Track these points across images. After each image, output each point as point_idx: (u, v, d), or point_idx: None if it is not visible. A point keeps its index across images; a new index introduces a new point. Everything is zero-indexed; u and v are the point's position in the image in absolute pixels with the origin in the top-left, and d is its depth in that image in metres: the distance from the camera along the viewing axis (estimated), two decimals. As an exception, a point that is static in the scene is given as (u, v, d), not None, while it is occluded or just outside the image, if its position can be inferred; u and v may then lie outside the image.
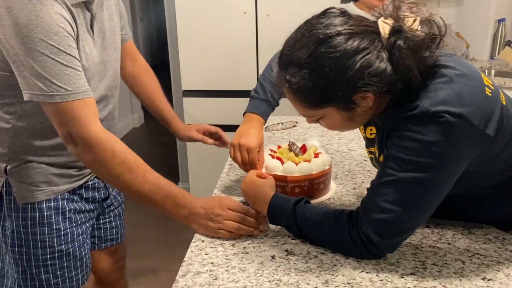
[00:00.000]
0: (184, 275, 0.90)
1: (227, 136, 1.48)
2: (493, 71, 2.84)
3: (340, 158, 1.47)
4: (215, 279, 0.89)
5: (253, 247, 0.99)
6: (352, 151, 1.53)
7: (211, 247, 0.99)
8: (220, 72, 2.57)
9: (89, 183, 1.22)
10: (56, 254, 1.14)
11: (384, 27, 0.83)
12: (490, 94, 0.84)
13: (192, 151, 2.76)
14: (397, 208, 0.84)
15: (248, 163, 1.22)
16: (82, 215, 1.20)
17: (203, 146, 2.72)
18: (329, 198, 1.20)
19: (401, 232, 0.88)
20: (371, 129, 1.04)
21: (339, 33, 0.82)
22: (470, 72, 0.86)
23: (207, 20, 2.49)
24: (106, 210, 1.35)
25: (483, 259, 0.92)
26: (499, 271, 0.89)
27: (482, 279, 0.86)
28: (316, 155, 1.24)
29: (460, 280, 0.86)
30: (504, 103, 0.88)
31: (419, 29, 0.83)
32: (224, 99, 2.62)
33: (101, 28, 1.07)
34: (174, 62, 2.86)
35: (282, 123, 1.80)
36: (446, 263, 0.91)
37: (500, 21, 2.95)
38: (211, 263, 0.94)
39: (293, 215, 0.98)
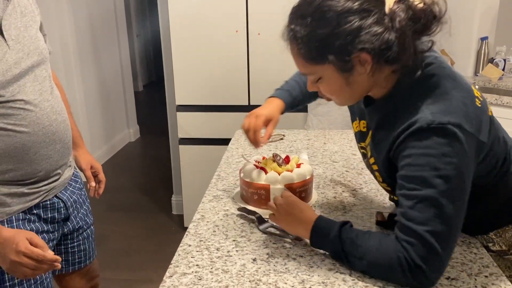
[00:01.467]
0: (171, 276, 0.97)
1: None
2: (477, 86, 2.94)
3: (323, 169, 1.55)
4: (200, 279, 0.95)
5: (236, 250, 1.06)
6: (335, 162, 1.61)
7: (197, 251, 1.06)
8: (212, 88, 2.66)
9: (47, 202, 1.19)
10: (16, 280, 1.10)
11: None
12: (480, 105, 0.91)
13: (186, 165, 2.83)
14: (431, 228, 0.84)
15: (253, 129, 1.25)
16: (40, 237, 1.12)
17: (196, 160, 2.80)
18: (311, 206, 1.27)
19: (444, 249, 0.86)
20: (363, 123, 1.09)
21: None
22: (463, 84, 0.91)
23: (201, 38, 2.58)
24: (75, 233, 1.33)
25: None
26: (462, 271, 0.96)
27: (446, 278, 0.93)
28: (298, 165, 1.31)
29: (426, 279, 0.93)
30: (491, 114, 0.95)
31: (422, 5, 0.86)
32: (216, 114, 2.70)
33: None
34: (169, 77, 2.95)
35: (270, 136, 1.87)
36: (414, 264, 0.98)
37: (483, 39, 3.07)
38: (197, 265, 1.01)
39: (339, 238, 0.95)
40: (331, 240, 0.96)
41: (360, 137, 1.11)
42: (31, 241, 1.00)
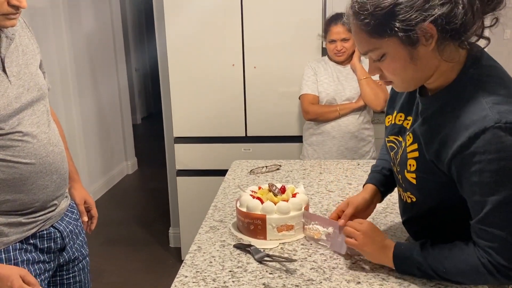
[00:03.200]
0: (167, 308, 0.97)
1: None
2: None
3: (319, 199, 1.56)
4: (196, 310, 0.95)
5: (232, 281, 1.06)
6: (331, 192, 1.62)
7: (193, 282, 1.06)
8: (210, 120, 2.70)
9: (44, 232, 1.20)
10: None
11: None
12: None
13: (183, 196, 2.84)
14: (509, 230, 0.87)
15: (341, 212, 1.22)
16: (36, 267, 1.16)
17: (194, 191, 2.81)
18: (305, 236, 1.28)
19: None
20: (400, 116, 1.10)
21: None
22: None
23: (198, 71, 2.65)
24: (70, 264, 1.33)
25: (445, 289, 1.00)
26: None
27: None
28: (294, 195, 1.33)
29: (422, 308, 0.93)
30: None
31: None
32: (213, 145, 2.73)
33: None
34: (167, 110, 2.99)
35: (266, 166, 1.90)
36: (410, 293, 0.98)
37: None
38: (193, 296, 1.01)
39: (422, 256, 0.98)
40: (414, 259, 0.99)
41: (391, 130, 1.12)
42: (24, 279, 1.02)
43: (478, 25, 0.87)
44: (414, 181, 1.03)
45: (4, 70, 1.10)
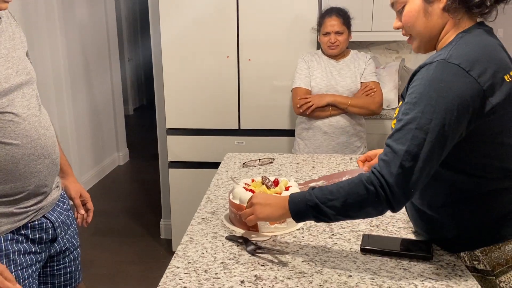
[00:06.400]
0: (158, 298, 0.97)
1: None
2: None
3: (312, 193, 1.56)
4: (187, 301, 0.95)
5: (224, 273, 1.06)
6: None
7: (185, 273, 1.06)
8: (203, 111, 2.69)
9: (35, 222, 1.19)
10: None
11: None
12: (508, 80, 0.97)
13: (175, 188, 2.83)
14: (407, 148, 0.94)
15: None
16: (28, 257, 1.16)
17: (186, 183, 2.80)
18: (299, 229, 1.28)
19: (412, 169, 0.94)
20: (400, 103, 1.15)
21: None
22: (498, 50, 1.01)
23: (192, 63, 2.63)
24: (61, 255, 1.32)
25: (434, 283, 1.01)
26: (448, 293, 0.97)
27: (432, 300, 0.95)
28: (287, 188, 1.33)
29: (412, 301, 0.94)
30: None
31: None
32: (206, 137, 2.72)
33: None
34: (160, 101, 2.98)
35: (259, 159, 1.90)
36: (400, 287, 0.99)
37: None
38: (184, 287, 1.00)
39: (312, 193, 1.05)
40: (306, 199, 1.05)
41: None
42: (2, 274, 1.01)
43: None
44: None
45: None
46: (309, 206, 1.04)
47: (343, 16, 2.21)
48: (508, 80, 0.97)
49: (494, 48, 1.00)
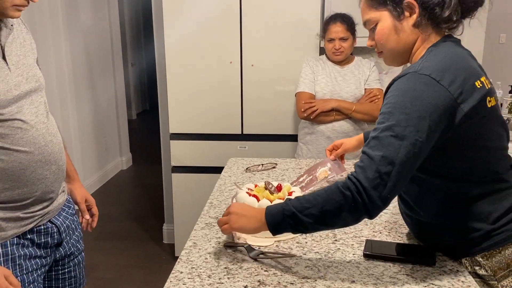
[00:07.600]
0: (162, 303, 0.97)
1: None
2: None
3: (315, 198, 1.57)
4: (191, 306, 0.96)
5: (228, 278, 1.07)
6: (326, 191, 1.63)
7: (188, 278, 1.07)
8: (206, 116, 2.70)
9: (41, 227, 1.20)
10: None
11: None
12: (478, 86, 0.99)
13: (178, 193, 2.84)
14: (384, 153, 0.96)
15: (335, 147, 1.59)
16: (33, 262, 1.17)
17: (189, 188, 2.81)
18: (301, 234, 1.29)
19: (389, 176, 0.96)
20: None
21: None
22: (468, 59, 1.04)
23: (196, 68, 2.64)
24: (66, 259, 1.33)
25: (437, 289, 1.01)
26: (451, 299, 0.98)
27: (435, 306, 0.95)
28: (290, 194, 1.33)
29: (415, 307, 0.94)
30: (490, 105, 1.02)
31: None
32: (209, 142, 2.73)
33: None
34: (163, 106, 2.99)
35: (262, 164, 1.90)
36: (403, 292, 1.00)
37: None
38: (188, 292, 1.01)
39: (289, 203, 1.04)
40: (282, 209, 1.04)
41: None
42: (7, 279, 1.03)
43: (454, 9, 1.01)
44: None
45: (4, 58, 1.12)
46: (286, 216, 1.04)
47: (348, 22, 2.22)
48: (479, 86, 1.00)
49: (463, 57, 1.04)
